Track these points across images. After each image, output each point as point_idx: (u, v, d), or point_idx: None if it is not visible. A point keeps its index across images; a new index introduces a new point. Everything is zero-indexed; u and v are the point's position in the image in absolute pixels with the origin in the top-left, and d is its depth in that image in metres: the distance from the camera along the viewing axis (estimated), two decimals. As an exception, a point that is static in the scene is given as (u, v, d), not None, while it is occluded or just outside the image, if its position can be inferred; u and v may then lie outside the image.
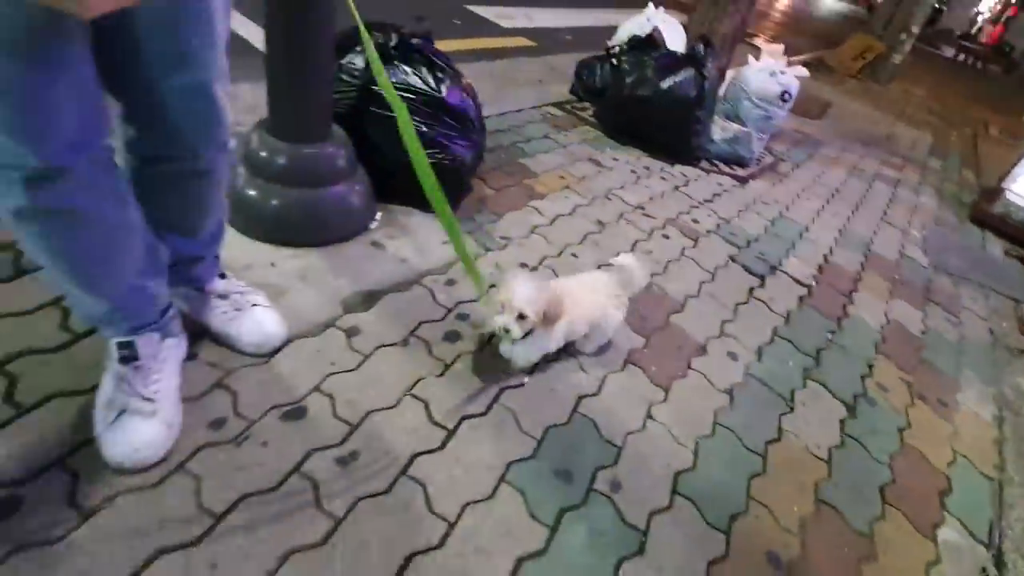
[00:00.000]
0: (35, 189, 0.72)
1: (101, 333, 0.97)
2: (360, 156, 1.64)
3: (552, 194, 2.14)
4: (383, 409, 1.16)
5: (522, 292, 1.14)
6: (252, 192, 1.50)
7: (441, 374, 1.27)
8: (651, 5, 3.10)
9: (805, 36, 9.17)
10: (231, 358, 1.16)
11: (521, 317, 1.14)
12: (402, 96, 1.67)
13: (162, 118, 0.87)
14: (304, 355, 1.22)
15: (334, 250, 1.55)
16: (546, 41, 4.49)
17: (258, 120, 1.52)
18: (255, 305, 1.21)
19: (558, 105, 3.02)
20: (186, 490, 0.93)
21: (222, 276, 1.21)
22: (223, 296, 1.18)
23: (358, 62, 1.67)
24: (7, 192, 0.72)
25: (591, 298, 1.33)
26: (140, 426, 0.93)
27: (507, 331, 1.14)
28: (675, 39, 2.99)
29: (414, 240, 1.68)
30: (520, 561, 0.98)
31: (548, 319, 1.18)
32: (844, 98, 5.65)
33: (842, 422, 1.53)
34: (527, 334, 1.18)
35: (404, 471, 1.06)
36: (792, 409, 1.52)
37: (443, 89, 1.71)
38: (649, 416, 1.35)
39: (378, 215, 1.71)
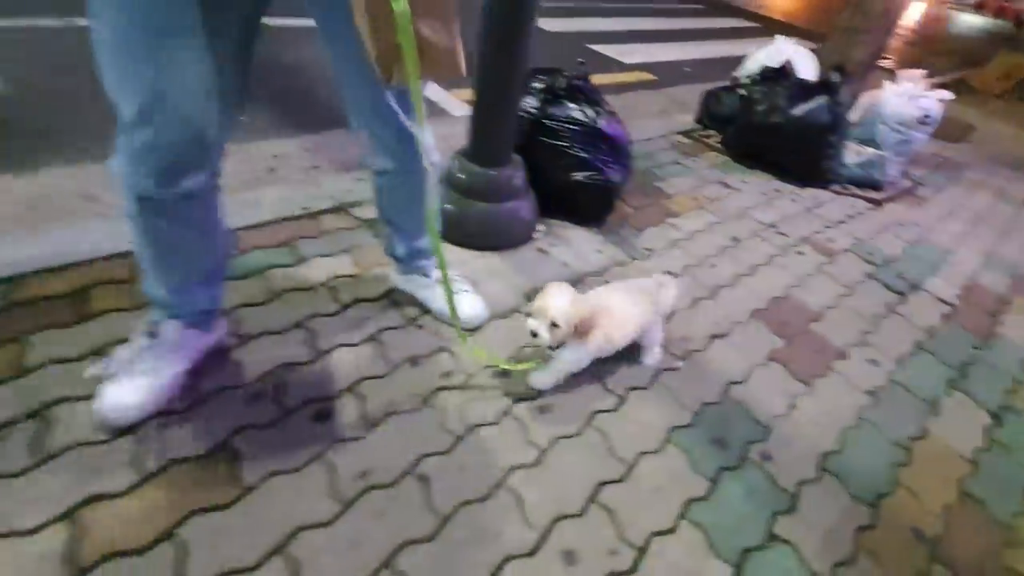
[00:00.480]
0: (142, 206, 0.97)
1: (150, 309, 1.16)
2: (529, 177, 1.97)
3: (687, 213, 2.35)
4: (566, 376, 1.43)
5: (557, 302, 1.21)
6: (448, 205, 1.87)
7: (609, 354, 1.53)
8: (780, 37, 3.25)
9: (942, 56, 8.58)
10: (449, 330, 1.50)
11: (554, 326, 1.21)
12: (568, 128, 1.99)
13: (381, 140, 1.22)
14: (501, 331, 1.53)
15: (509, 254, 1.87)
16: (666, 74, 4.71)
17: (458, 148, 1.90)
18: (464, 291, 1.55)
19: (684, 133, 3.23)
20: (435, 417, 1.25)
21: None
22: (442, 283, 1.53)
23: (531, 102, 2.02)
24: (126, 199, 0.97)
25: (630, 311, 1.37)
26: (127, 394, 1.08)
27: (535, 335, 1.24)
28: (806, 68, 3.10)
29: (572, 248, 1.97)
30: (688, 502, 1.19)
31: (580, 331, 1.24)
32: (989, 120, 5.29)
33: (987, 428, 1.57)
34: (559, 346, 1.27)
35: (588, 422, 1.32)
36: (936, 413, 1.59)
37: (600, 121, 2.01)
38: (793, 405, 1.50)
39: (540, 227, 2.02)
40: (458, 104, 3.37)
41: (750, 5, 9.74)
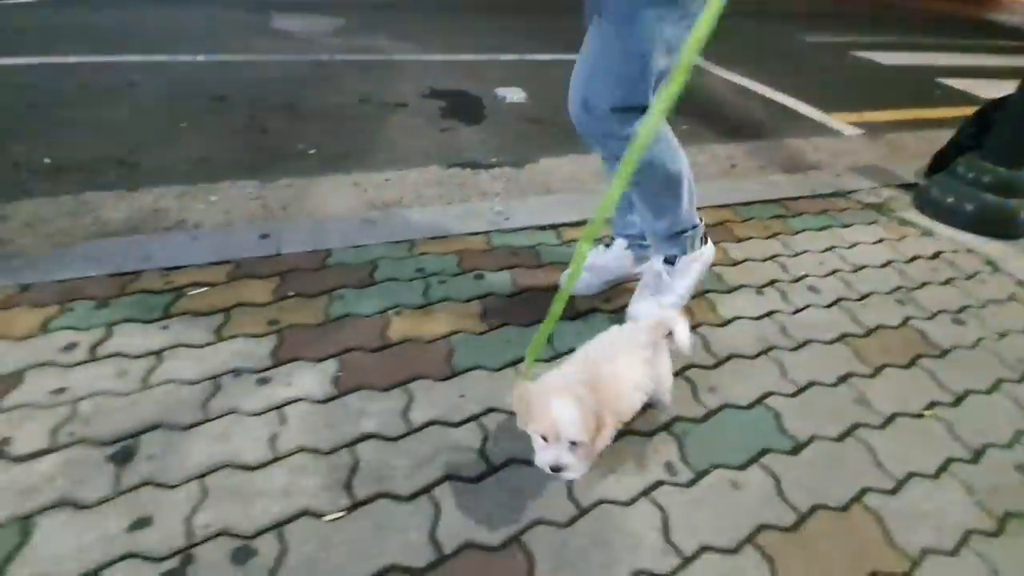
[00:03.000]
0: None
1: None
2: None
3: None
4: None
5: (567, 416, 0.90)
6: (950, 199, 2.23)
7: None
8: None
9: None
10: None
11: (573, 445, 0.92)
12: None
13: None
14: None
15: (1013, 243, 2.15)
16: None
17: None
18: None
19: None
20: None
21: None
22: None
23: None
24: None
25: (630, 379, 1.06)
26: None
27: (558, 470, 0.92)
28: None
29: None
30: None
31: (597, 430, 0.93)
32: None
33: None
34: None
35: None
36: None
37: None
38: None
39: (1028, 225, 2.26)
40: (845, 125, 3.73)
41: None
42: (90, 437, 1.07)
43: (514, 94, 3.62)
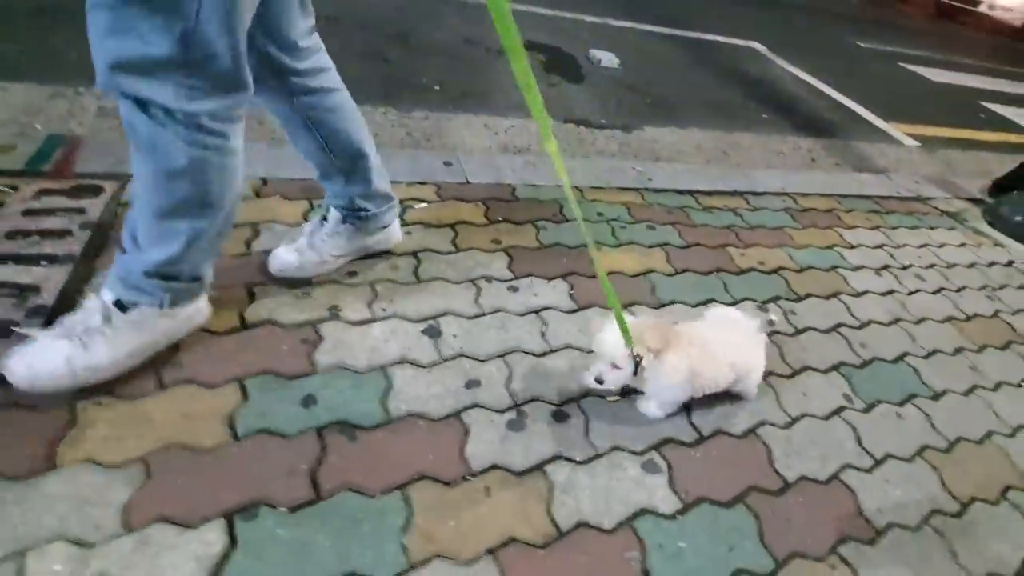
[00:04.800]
0: None
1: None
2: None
3: None
4: None
5: (605, 339, 1.07)
6: (1018, 217, 2.54)
7: None
8: None
9: None
10: None
11: (615, 367, 1.06)
12: None
13: None
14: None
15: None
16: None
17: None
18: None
19: None
20: None
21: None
22: None
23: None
24: None
25: (728, 340, 1.18)
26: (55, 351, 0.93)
27: (602, 382, 1.08)
28: None
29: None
30: None
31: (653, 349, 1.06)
32: None
33: None
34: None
35: None
36: None
37: None
38: None
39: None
40: (903, 135, 4.00)
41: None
42: (399, 313, 1.29)
43: (608, 58, 3.75)
